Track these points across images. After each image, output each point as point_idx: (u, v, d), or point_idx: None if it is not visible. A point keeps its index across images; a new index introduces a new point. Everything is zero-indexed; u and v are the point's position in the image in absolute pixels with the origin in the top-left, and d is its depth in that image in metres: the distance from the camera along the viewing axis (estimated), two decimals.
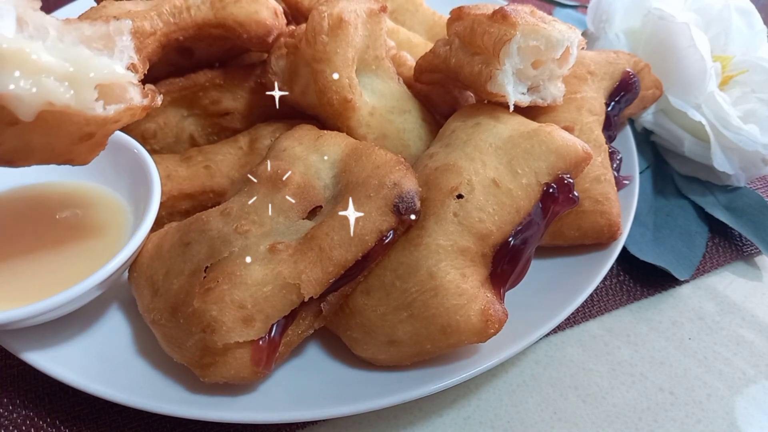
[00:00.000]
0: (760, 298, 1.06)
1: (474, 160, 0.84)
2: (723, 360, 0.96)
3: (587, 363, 0.95)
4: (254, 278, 0.73)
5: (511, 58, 0.88)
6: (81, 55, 0.67)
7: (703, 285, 1.08)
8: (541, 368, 0.94)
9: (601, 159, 0.95)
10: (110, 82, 0.70)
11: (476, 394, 0.90)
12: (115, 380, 0.77)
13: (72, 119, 0.67)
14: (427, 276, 0.76)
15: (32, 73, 0.62)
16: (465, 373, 0.78)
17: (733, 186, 1.18)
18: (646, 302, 1.04)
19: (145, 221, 0.80)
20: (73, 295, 0.74)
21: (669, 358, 0.96)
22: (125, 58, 0.75)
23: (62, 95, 0.64)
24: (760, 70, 1.14)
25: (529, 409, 0.89)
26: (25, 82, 0.62)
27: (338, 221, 0.76)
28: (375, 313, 0.78)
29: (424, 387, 0.77)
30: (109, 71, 0.70)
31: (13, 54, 0.61)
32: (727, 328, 1.01)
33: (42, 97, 0.63)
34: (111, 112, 0.70)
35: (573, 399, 0.90)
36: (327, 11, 0.91)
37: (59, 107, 0.64)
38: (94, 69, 0.68)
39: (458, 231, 0.78)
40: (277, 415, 0.74)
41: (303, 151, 0.86)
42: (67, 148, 0.72)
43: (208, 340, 0.71)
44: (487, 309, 0.76)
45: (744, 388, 0.93)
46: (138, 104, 0.73)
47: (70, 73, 0.66)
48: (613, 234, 0.94)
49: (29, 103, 0.62)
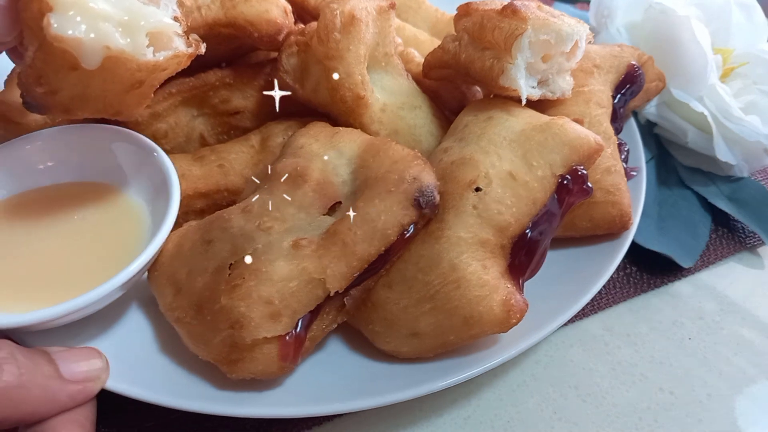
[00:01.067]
0: (761, 298, 1.06)
1: (489, 153, 0.85)
2: (724, 360, 0.96)
3: (587, 363, 0.95)
4: (280, 274, 0.73)
5: (522, 52, 0.89)
6: (133, 4, 0.72)
7: (703, 285, 1.08)
8: (541, 368, 0.93)
9: (611, 151, 0.97)
10: (159, 30, 0.75)
11: (476, 394, 0.90)
12: (139, 379, 0.77)
13: (126, 65, 0.72)
14: (449, 268, 0.77)
15: (91, 19, 0.68)
16: (488, 363, 0.79)
17: (735, 177, 1.20)
18: (647, 302, 1.04)
19: (167, 221, 0.81)
20: (97, 296, 0.73)
21: (669, 358, 0.96)
22: (170, 11, 0.79)
23: (118, 40, 0.70)
24: (761, 62, 1.16)
25: (529, 409, 0.88)
26: (86, 27, 0.68)
27: (360, 216, 0.77)
28: (397, 306, 0.79)
29: (448, 377, 0.77)
30: (157, 20, 0.75)
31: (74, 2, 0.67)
32: (727, 327, 1.01)
33: (101, 41, 0.69)
34: (161, 58, 0.75)
35: (573, 399, 0.90)
36: (339, 9, 0.92)
37: (115, 52, 0.70)
38: (145, 17, 0.73)
39: (478, 223, 0.79)
40: (305, 409, 0.75)
41: (320, 147, 0.87)
42: (118, 97, 0.78)
43: (237, 337, 0.71)
44: (509, 299, 0.77)
45: (745, 387, 0.93)
46: (184, 51, 0.78)
47: (124, 20, 0.71)
48: (625, 224, 0.95)
49: (90, 47, 0.68)
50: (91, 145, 0.90)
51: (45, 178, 0.90)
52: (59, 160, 0.91)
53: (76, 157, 0.91)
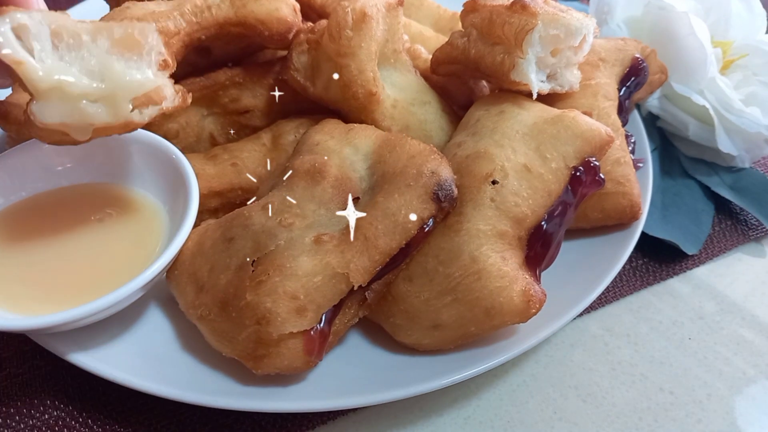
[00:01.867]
0: (760, 298, 1.07)
1: (504, 146, 0.86)
2: (723, 360, 0.97)
3: (587, 363, 0.95)
4: (304, 269, 0.74)
5: (533, 47, 0.90)
6: (114, 72, 0.73)
7: (703, 284, 1.08)
8: (541, 368, 0.94)
9: (620, 142, 0.99)
10: (143, 93, 0.76)
11: (476, 394, 0.90)
12: (163, 377, 0.77)
13: (114, 129, 0.75)
14: (469, 260, 0.78)
15: (73, 101, 0.70)
16: (508, 353, 0.80)
17: (737, 167, 1.23)
18: (647, 302, 1.05)
19: (187, 220, 0.81)
20: (119, 297, 0.74)
21: (669, 358, 0.96)
22: (154, 57, 0.78)
23: (102, 117, 0.72)
24: (760, 53, 1.19)
25: (529, 409, 0.88)
26: (69, 110, 0.70)
27: (381, 211, 0.77)
28: (418, 299, 0.80)
29: (471, 368, 0.79)
30: (140, 84, 0.76)
31: (52, 88, 0.68)
32: (727, 327, 1.01)
33: (85, 121, 0.71)
34: (146, 118, 0.77)
35: (573, 399, 0.90)
36: (350, 6, 0.93)
37: (101, 125, 0.73)
38: (127, 87, 0.74)
39: (496, 216, 0.81)
40: (331, 402, 0.76)
41: (336, 144, 0.87)
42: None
43: (263, 332, 0.72)
44: (528, 290, 0.78)
45: (744, 387, 0.93)
46: (170, 106, 0.79)
47: (106, 94, 0.72)
48: (635, 214, 0.97)
49: (77, 127, 0.71)
50: (109, 147, 0.90)
51: (63, 180, 0.90)
52: (77, 161, 0.91)
53: (94, 158, 0.91)
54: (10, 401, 0.86)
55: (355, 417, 0.86)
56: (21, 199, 0.88)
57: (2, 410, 0.85)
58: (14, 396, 0.87)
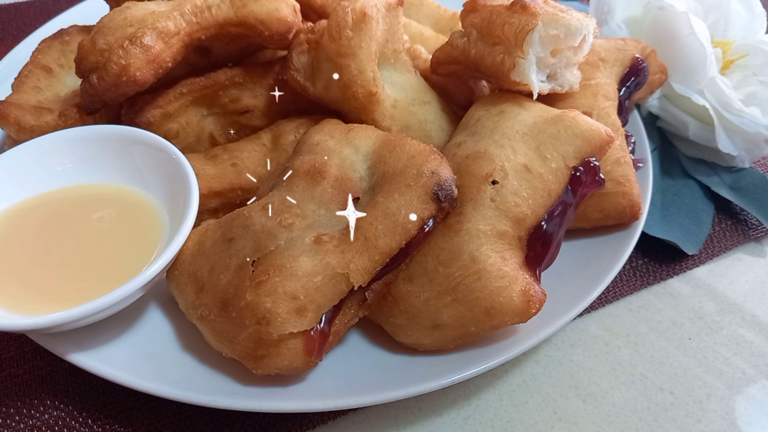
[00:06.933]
0: (760, 298, 1.07)
1: (504, 146, 0.86)
2: (723, 360, 0.97)
3: (587, 363, 0.95)
4: (304, 269, 0.74)
5: (533, 47, 0.90)
6: None
7: (703, 284, 1.08)
8: (541, 368, 0.94)
9: (620, 142, 0.99)
10: None
11: (476, 394, 0.90)
12: (163, 377, 0.77)
13: None
14: (469, 260, 0.78)
15: None
16: (509, 353, 0.80)
17: (737, 167, 1.23)
18: (646, 302, 1.05)
19: (186, 220, 0.81)
20: (119, 297, 0.74)
21: (669, 358, 0.96)
22: None
23: None
24: (759, 53, 1.19)
25: (529, 409, 0.89)
26: None
27: (381, 211, 0.77)
28: (419, 299, 0.80)
29: (472, 367, 0.79)
30: None
31: None
32: (727, 328, 1.02)
33: None
34: None
35: (573, 399, 0.90)
36: (350, 6, 0.93)
37: None
38: None
39: (496, 216, 0.81)
40: (331, 402, 0.76)
41: (336, 144, 0.87)
42: None
43: (263, 332, 0.72)
44: (528, 290, 0.78)
45: (744, 387, 0.93)
46: None
47: None
48: (635, 214, 0.97)
49: None
50: (109, 147, 0.90)
51: (63, 180, 0.90)
52: (77, 161, 0.91)
53: (94, 158, 0.91)
54: (10, 401, 0.86)
55: (355, 417, 0.86)
56: (21, 200, 0.88)
57: (2, 410, 0.85)
58: (14, 396, 0.87)
